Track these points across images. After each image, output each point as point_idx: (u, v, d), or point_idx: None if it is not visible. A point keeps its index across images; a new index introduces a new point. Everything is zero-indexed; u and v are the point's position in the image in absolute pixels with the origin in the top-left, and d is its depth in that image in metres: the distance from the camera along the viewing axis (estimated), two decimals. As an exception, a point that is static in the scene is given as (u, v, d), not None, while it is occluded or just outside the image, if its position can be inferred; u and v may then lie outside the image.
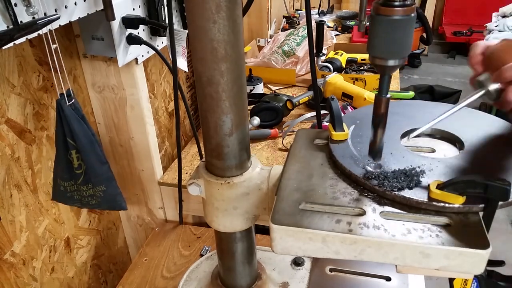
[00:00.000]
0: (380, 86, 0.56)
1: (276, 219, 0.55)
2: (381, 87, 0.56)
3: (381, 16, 0.50)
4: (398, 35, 0.51)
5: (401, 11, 0.49)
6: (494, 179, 0.48)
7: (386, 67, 0.54)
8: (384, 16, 0.50)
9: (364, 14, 0.61)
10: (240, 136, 0.67)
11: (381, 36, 0.51)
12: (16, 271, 0.91)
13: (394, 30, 0.50)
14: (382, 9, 0.50)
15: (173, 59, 0.96)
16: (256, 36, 2.35)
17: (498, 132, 0.67)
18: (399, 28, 0.50)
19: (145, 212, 1.30)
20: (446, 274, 0.52)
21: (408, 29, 0.51)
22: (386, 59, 0.53)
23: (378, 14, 0.50)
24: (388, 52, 0.52)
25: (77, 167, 0.89)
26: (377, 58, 0.53)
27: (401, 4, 0.49)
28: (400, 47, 0.52)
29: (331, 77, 1.69)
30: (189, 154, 1.39)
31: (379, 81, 0.56)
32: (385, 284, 0.96)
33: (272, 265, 0.98)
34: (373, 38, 0.52)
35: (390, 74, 0.55)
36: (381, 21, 0.50)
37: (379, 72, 0.55)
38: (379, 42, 0.52)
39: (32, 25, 0.66)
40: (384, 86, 0.56)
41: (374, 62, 0.54)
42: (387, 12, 0.49)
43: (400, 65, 0.54)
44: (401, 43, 0.51)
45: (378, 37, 0.52)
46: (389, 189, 0.55)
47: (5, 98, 0.83)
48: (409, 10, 0.49)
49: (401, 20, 0.50)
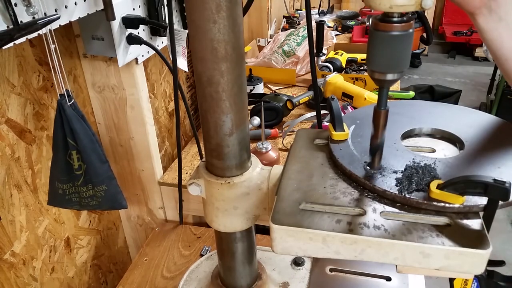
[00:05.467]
0: (379, 99, 0.57)
1: (276, 219, 0.55)
2: (380, 100, 0.57)
3: (380, 31, 0.51)
4: (396, 50, 0.51)
5: (400, 27, 0.50)
6: (494, 179, 0.48)
7: (385, 81, 0.54)
8: (382, 31, 0.50)
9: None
10: (240, 136, 0.67)
11: (379, 51, 0.52)
12: (16, 271, 0.91)
13: (392, 46, 0.51)
14: (381, 25, 0.50)
15: (173, 59, 0.96)
16: (256, 36, 2.35)
17: (498, 132, 0.67)
18: (398, 44, 0.51)
19: (145, 212, 1.30)
20: (446, 274, 0.52)
21: (406, 44, 0.51)
22: (385, 73, 0.53)
23: (377, 29, 0.51)
24: (386, 66, 0.53)
25: (77, 168, 0.89)
26: (376, 73, 0.54)
27: (399, 20, 0.49)
28: (399, 61, 0.52)
29: (331, 77, 1.69)
30: (189, 154, 1.39)
31: (378, 94, 0.57)
32: (385, 284, 0.96)
33: (272, 265, 0.98)
34: (372, 53, 0.53)
35: (389, 87, 0.56)
36: (379, 37, 0.51)
37: (378, 86, 0.56)
38: (377, 57, 0.53)
39: (32, 25, 0.66)
40: (383, 99, 0.57)
41: (373, 76, 0.55)
42: (386, 28, 0.50)
43: (399, 79, 0.54)
44: (400, 58, 0.52)
45: (377, 52, 0.52)
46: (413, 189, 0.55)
47: (5, 98, 0.83)
48: (407, 26, 0.50)
49: (399, 36, 0.50)
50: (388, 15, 0.50)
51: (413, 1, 0.47)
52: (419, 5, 0.47)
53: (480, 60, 5.15)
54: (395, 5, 0.48)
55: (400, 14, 0.49)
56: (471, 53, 5.24)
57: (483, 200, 0.52)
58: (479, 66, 5.06)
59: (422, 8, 0.47)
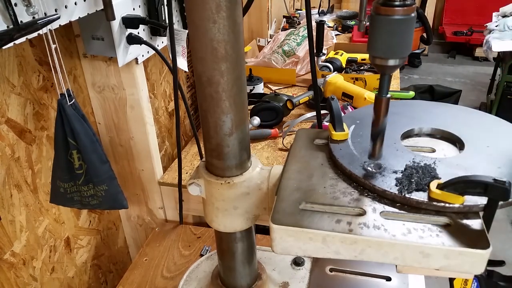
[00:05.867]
0: (380, 86, 0.56)
1: (276, 219, 0.55)
2: (381, 87, 0.56)
3: (381, 16, 0.50)
4: (398, 35, 0.51)
5: (401, 11, 0.49)
6: (494, 179, 0.48)
7: (386, 67, 0.54)
8: (384, 16, 0.50)
9: (364, 14, 0.61)
10: (240, 136, 0.67)
11: (381, 36, 0.51)
12: (16, 271, 0.91)
13: (394, 30, 0.50)
14: (382, 9, 0.50)
15: (173, 59, 0.96)
16: (256, 36, 2.35)
17: (498, 132, 0.67)
18: (399, 28, 0.50)
19: (145, 212, 1.30)
20: (446, 274, 0.52)
21: (408, 29, 0.50)
22: (386, 59, 0.53)
23: (378, 14, 0.50)
24: (388, 52, 0.52)
25: (78, 167, 0.89)
26: (377, 58, 0.53)
27: (401, 4, 0.49)
28: (400, 47, 0.52)
29: (331, 77, 1.69)
30: (189, 154, 1.39)
31: (379, 81, 0.56)
32: (385, 284, 0.96)
33: (272, 265, 0.98)
34: (373, 38, 0.52)
35: (391, 74, 0.55)
36: (381, 21, 0.50)
37: (379, 72, 0.55)
38: (379, 42, 0.52)
39: (32, 25, 0.66)
40: (384, 86, 0.56)
41: (374, 62, 0.54)
42: (387, 12, 0.49)
43: (400, 65, 0.54)
44: (401, 43, 0.51)
45: (378, 37, 0.52)
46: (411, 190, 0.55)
47: (5, 98, 0.83)
48: (409, 9, 0.49)
49: (401, 20, 0.49)
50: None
51: None
52: None
53: (480, 60, 5.15)
54: None
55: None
56: (471, 53, 5.23)
57: (483, 200, 0.52)
58: (479, 66, 5.05)
59: None
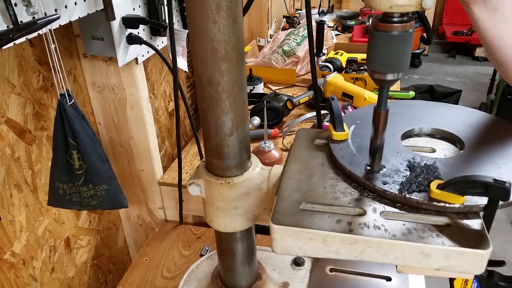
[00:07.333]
0: (379, 99, 0.57)
1: (276, 219, 0.55)
2: (380, 100, 0.57)
3: (380, 31, 0.51)
4: (396, 50, 0.51)
5: (400, 27, 0.50)
6: (494, 179, 0.48)
7: (385, 81, 0.54)
8: (383, 32, 0.50)
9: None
10: (240, 136, 0.67)
11: (379, 51, 0.52)
12: (16, 271, 0.91)
13: (392, 46, 0.51)
14: (381, 25, 0.50)
15: (173, 59, 0.96)
16: (256, 36, 2.35)
17: (498, 132, 0.67)
18: (398, 44, 0.51)
19: (145, 212, 1.30)
20: (446, 274, 0.52)
21: (406, 44, 0.51)
22: (385, 73, 0.53)
23: (377, 29, 0.51)
24: (386, 66, 0.53)
25: (78, 167, 0.89)
26: (376, 73, 0.54)
27: (399, 20, 0.49)
28: (399, 61, 0.52)
29: (331, 77, 1.69)
30: (189, 154, 1.39)
31: (378, 94, 0.57)
32: (385, 284, 0.96)
33: (272, 265, 0.98)
34: (372, 53, 0.53)
35: (389, 87, 0.56)
36: (380, 37, 0.51)
37: (378, 86, 0.56)
38: (378, 57, 0.53)
39: (32, 25, 0.66)
40: (383, 99, 0.57)
41: (373, 76, 0.55)
42: (386, 28, 0.50)
43: (399, 79, 0.54)
44: (400, 58, 0.52)
45: (377, 52, 0.52)
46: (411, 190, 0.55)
47: (5, 98, 0.83)
48: (407, 26, 0.50)
49: (399, 36, 0.50)
50: (388, 15, 0.50)
51: (413, 1, 0.47)
52: (419, 5, 0.47)
53: (480, 60, 5.15)
54: (395, 5, 0.48)
55: (401, 14, 0.49)
56: (471, 53, 5.24)
57: (483, 200, 0.52)
58: (479, 66, 5.06)
59: (422, 8, 0.47)
